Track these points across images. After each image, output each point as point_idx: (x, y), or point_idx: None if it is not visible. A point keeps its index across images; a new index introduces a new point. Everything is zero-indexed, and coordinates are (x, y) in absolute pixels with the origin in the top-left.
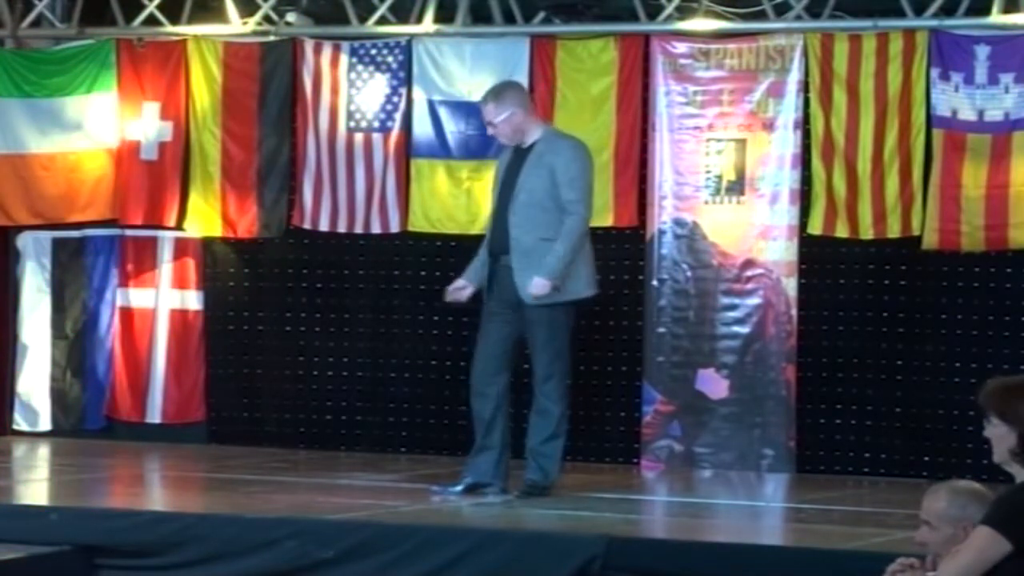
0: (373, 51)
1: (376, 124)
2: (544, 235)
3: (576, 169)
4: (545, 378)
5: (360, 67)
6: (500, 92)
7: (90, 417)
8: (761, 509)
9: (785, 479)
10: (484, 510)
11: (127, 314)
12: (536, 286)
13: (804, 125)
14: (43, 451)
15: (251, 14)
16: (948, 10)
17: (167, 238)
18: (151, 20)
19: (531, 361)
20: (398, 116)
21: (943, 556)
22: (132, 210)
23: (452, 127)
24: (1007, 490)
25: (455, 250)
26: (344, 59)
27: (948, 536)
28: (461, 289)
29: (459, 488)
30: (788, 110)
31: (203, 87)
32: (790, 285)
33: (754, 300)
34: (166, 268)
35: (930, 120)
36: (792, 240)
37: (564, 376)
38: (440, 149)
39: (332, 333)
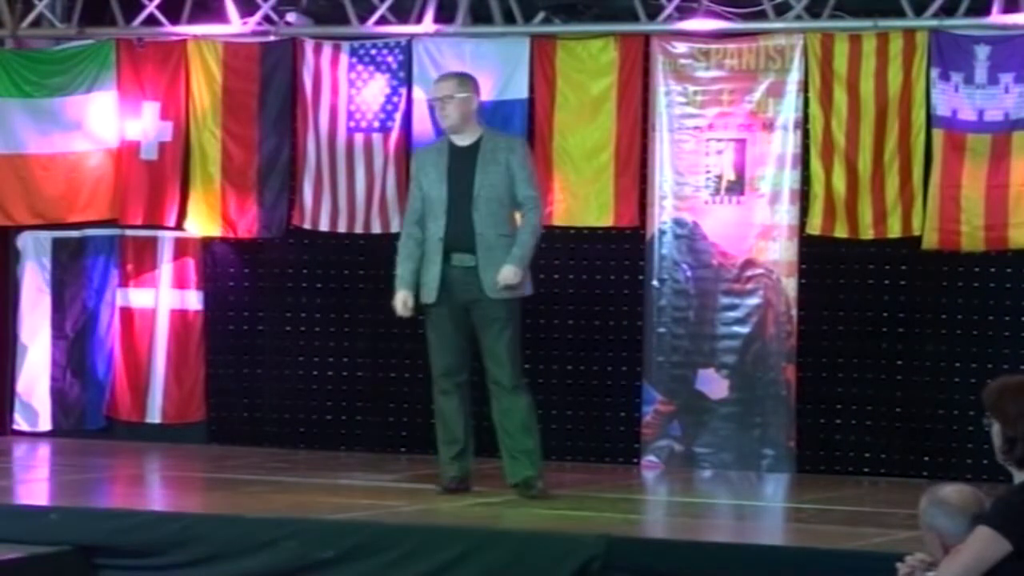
0: (373, 51)
1: (376, 124)
2: (502, 231)
3: (530, 166)
4: (514, 376)
5: (360, 67)
6: (464, 75)
7: (90, 417)
8: (761, 509)
9: (785, 479)
10: (484, 510)
11: (127, 314)
12: (507, 273)
13: (804, 125)
14: (43, 451)
15: (251, 14)
16: (948, 10)
17: (167, 238)
18: (151, 20)
19: (487, 360)
20: (398, 116)
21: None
22: (132, 210)
23: None
24: (1006, 490)
25: None
26: (344, 59)
27: (930, 538)
28: (407, 301)
29: (451, 486)
30: (788, 110)
31: (203, 87)
32: (790, 285)
33: (754, 300)
34: (166, 268)
35: (930, 120)
36: (792, 240)
37: (522, 370)
38: None
39: (332, 333)
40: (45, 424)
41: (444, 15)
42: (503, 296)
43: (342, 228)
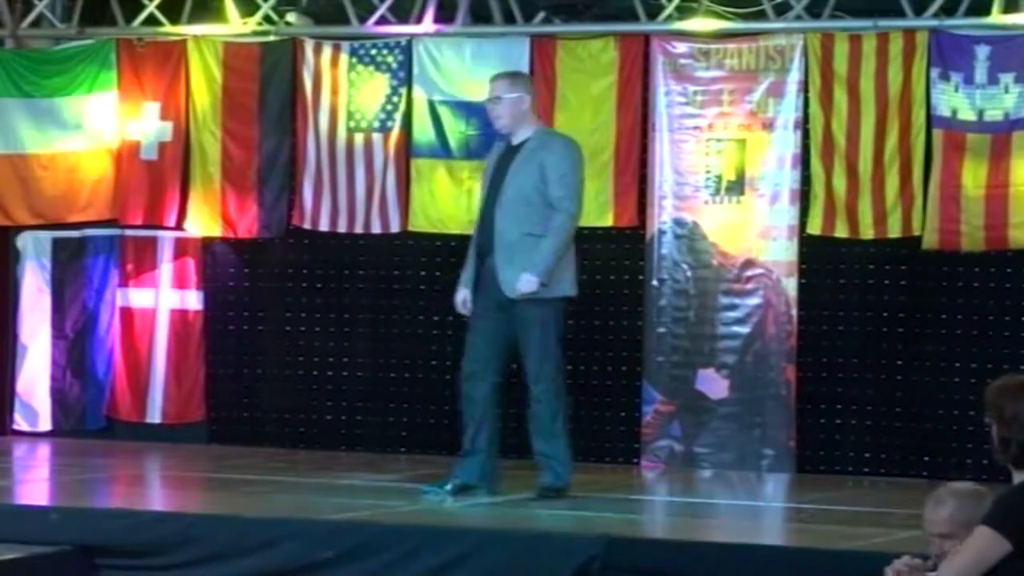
0: (373, 51)
1: (376, 124)
2: (527, 229)
3: (567, 166)
4: (537, 379)
5: (360, 67)
6: (515, 75)
7: (90, 417)
8: (761, 509)
9: (785, 479)
10: (484, 510)
11: (127, 314)
12: (524, 283)
13: (804, 125)
14: (43, 451)
15: (251, 14)
16: (948, 10)
17: (167, 238)
18: (151, 20)
19: (522, 362)
20: (398, 116)
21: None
22: (132, 210)
23: (452, 127)
24: (1006, 490)
25: (455, 250)
26: (344, 59)
27: (940, 541)
28: (466, 300)
29: (448, 487)
30: (788, 110)
31: (203, 87)
32: (790, 285)
33: (754, 300)
34: (166, 268)
35: (930, 120)
36: (792, 240)
37: (557, 375)
38: (440, 149)
39: (332, 333)
40: (45, 424)
41: (444, 15)
42: (528, 298)
43: (342, 228)
